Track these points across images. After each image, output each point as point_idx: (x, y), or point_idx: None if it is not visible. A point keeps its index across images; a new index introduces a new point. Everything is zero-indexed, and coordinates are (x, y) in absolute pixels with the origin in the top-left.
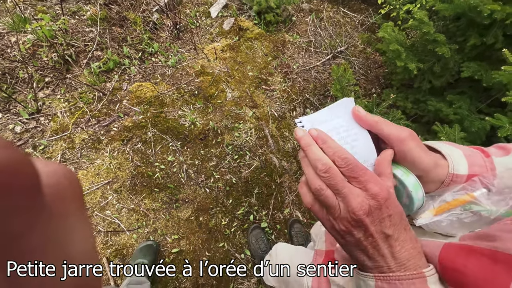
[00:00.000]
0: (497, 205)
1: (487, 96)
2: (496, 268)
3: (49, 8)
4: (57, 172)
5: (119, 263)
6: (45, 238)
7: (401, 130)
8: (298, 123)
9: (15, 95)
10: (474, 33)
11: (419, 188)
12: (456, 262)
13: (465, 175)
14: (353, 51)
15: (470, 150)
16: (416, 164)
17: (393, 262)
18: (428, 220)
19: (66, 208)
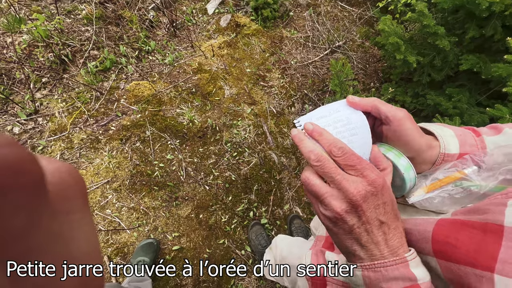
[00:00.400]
0: (487, 180)
1: (486, 89)
2: (486, 238)
3: (44, 8)
4: (61, 170)
5: (121, 261)
6: (48, 236)
7: (398, 109)
8: (296, 123)
9: (13, 96)
10: (473, 25)
11: (410, 169)
12: (449, 237)
13: (456, 154)
14: (351, 45)
15: (462, 130)
16: (411, 144)
17: (387, 249)
18: (421, 197)
19: (70, 205)
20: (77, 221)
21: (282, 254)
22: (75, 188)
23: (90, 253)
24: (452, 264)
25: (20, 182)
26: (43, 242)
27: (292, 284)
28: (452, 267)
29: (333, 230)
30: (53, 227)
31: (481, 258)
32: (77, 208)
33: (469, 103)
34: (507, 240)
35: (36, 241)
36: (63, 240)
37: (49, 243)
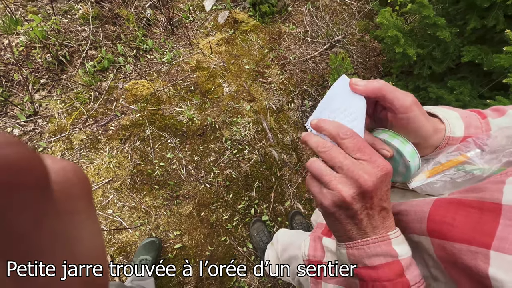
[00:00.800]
0: (490, 163)
1: (488, 80)
2: (483, 217)
3: (40, 8)
4: (66, 169)
5: (123, 260)
6: (53, 235)
7: (406, 96)
8: (307, 126)
9: (11, 98)
10: (474, 16)
11: (415, 156)
12: (446, 216)
13: (460, 137)
14: (350, 39)
15: (467, 112)
16: (419, 131)
17: (383, 231)
18: (422, 182)
19: (74, 205)
20: (82, 220)
21: (283, 246)
22: (80, 187)
23: (94, 252)
24: (446, 243)
25: (25, 182)
26: (48, 241)
27: (293, 275)
28: (446, 245)
29: (335, 215)
30: (58, 226)
31: (477, 236)
32: (82, 207)
33: (471, 96)
34: (505, 218)
35: (41, 240)
36: (68, 239)
37: (54, 243)
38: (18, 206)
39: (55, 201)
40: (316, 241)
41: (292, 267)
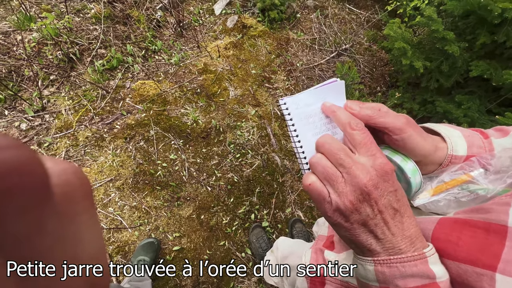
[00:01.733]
0: (494, 183)
1: (496, 96)
2: (490, 238)
3: (54, 6)
4: (67, 171)
5: (121, 259)
6: (54, 238)
7: (397, 118)
8: (282, 104)
9: (21, 92)
10: (484, 31)
11: (417, 173)
12: (451, 235)
13: (463, 156)
14: (358, 48)
15: (469, 132)
16: (416, 150)
17: (404, 241)
18: (426, 200)
19: (75, 207)
20: (82, 222)
21: (283, 254)
22: (81, 190)
23: (95, 254)
24: (451, 262)
25: (25, 184)
26: (49, 244)
27: (291, 285)
28: (451, 265)
29: (345, 225)
30: (59, 229)
31: (483, 257)
32: (82, 209)
33: (479, 111)
34: (510, 240)
35: (42, 243)
36: (69, 242)
37: (55, 245)
38: (19, 209)
39: (56, 203)
40: (317, 253)
41: (292, 276)
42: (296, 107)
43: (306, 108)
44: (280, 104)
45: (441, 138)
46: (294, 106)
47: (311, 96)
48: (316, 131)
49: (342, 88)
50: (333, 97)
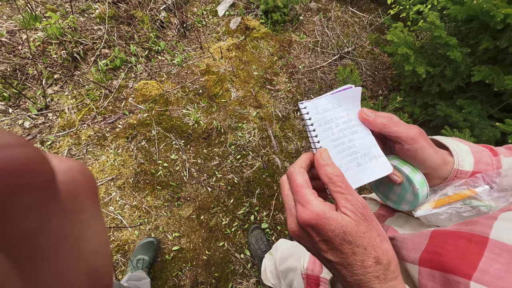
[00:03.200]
0: (497, 201)
1: (498, 101)
2: (470, 247)
3: (59, 6)
4: (72, 169)
5: (121, 258)
6: (59, 236)
7: (410, 128)
8: (302, 108)
9: (25, 91)
10: (487, 36)
11: (424, 185)
12: (437, 246)
13: (469, 172)
14: (360, 51)
15: (478, 148)
16: (426, 162)
17: (345, 283)
18: (427, 212)
19: (80, 204)
20: (87, 220)
21: (282, 256)
22: (86, 187)
23: (100, 252)
24: (436, 272)
25: (31, 182)
26: (54, 242)
27: (288, 286)
28: (437, 275)
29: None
30: (64, 227)
31: (462, 266)
32: (88, 207)
33: (480, 116)
34: (489, 251)
35: (47, 241)
36: (74, 240)
37: (60, 243)
38: (25, 206)
39: (62, 200)
40: None
41: (289, 277)
42: (316, 112)
43: (324, 113)
44: (301, 108)
45: (448, 152)
46: (314, 111)
47: (328, 101)
48: (333, 137)
49: (358, 94)
50: (348, 103)
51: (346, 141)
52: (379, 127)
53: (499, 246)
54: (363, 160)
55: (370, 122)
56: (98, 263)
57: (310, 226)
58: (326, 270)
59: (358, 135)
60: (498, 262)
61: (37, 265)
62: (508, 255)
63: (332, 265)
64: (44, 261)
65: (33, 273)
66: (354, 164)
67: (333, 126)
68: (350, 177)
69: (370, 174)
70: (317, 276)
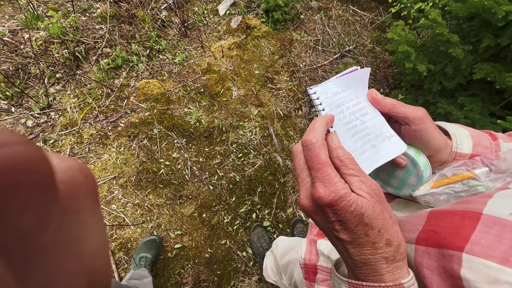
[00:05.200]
0: (494, 182)
1: (500, 99)
2: (464, 223)
3: (61, 6)
4: (72, 168)
5: (124, 256)
6: (58, 235)
7: (417, 109)
8: (312, 94)
9: (28, 90)
10: (489, 34)
11: (428, 168)
12: (433, 225)
13: (468, 154)
14: (361, 50)
15: (478, 132)
16: (431, 143)
17: (350, 260)
18: (425, 192)
19: (80, 204)
20: (86, 220)
21: (282, 251)
22: (86, 187)
23: (98, 253)
24: (431, 249)
25: (31, 181)
26: (52, 241)
27: (289, 280)
28: (433, 252)
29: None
30: (63, 226)
31: (455, 240)
32: (87, 207)
33: (482, 113)
34: (482, 225)
35: (45, 240)
36: (73, 239)
37: (58, 243)
38: (24, 205)
39: (61, 200)
40: (311, 244)
41: (290, 270)
42: (326, 96)
43: (334, 97)
44: (310, 93)
45: (449, 137)
46: (324, 95)
47: (337, 84)
48: (345, 120)
49: (366, 76)
50: (357, 85)
51: (358, 123)
52: (388, 107)
53: (491, 220)
54: (376, 141)
55: (379, 102)
56: (96, 264)
57: (330, 206)
58: (322, 258)
59: (368, 116)
60: (490, 234)
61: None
62: (499, 227)
63: (341, 243)
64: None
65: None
66: (368, 146)
67: (344, 109)
68: (367, 159)
69: (385, 154)
70: (314, 265)
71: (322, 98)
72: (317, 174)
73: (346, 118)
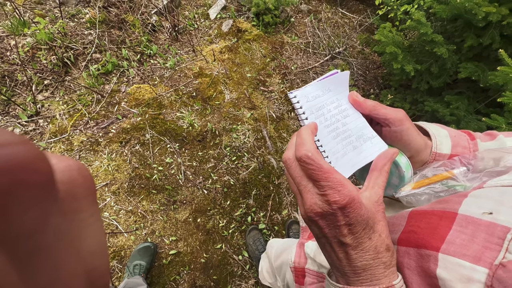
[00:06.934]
0: (472, 182)
1: (485, 97)
2: (441, 223)
3: (48, 11)
4: (71, 168)
5: (117, 264)
6: (57, 235)
7: (397, 111)
8: (292, 98)
9: (14, 97)
10: (471, 34)
11: (409, 168)
12: (413, 225)
13: (447, 155)
14: (351, 51)
15: (457, 132)
16: (412, 144)
17: (348, 267)
18: (407, 192)
19: (78, 204)
20: (85, 219)
21: (277, 252)
22: (85, 186)
23: (97, 252)
24: (410, 249)
25: (30, 181)
26: (52, 241)
27: (283, 282)
28: (410, 252)
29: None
30: (62, 226)
31: (432, 240)
32: (86, 206)
33: (467, 111)
34: (457, 225)
35: (45, 239)
36: (72, 239)
37: (58, 242)
38: (24, 205)
39: (60, 200)
40: (300, 247)
41: (283, 272)
42: (306, 100)
43: (315, 100)
44: (291, 97)
45: (428, 138)
46: (305, 99)
47: (317, 88)
48: (326, 123)
49: (346, 78)
50: (337, 88)
51: (340, 125)
52: (368, 109)
53: (465, 219)
54: (358, 142)
55: (360, 104)
56: (95, 263)
57: (343, 208)
58: (310, 260)
59: (349, 118)
60: (463, 234)
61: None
62: (473, 226)
63: (343, 249)
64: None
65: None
66: (350, 147)
67: (325, 112)
68: (348, 160)
69: (367, 155)
70: (302, 268)
71: (302, 101)
72: (328, 184)
73: (327, 120)
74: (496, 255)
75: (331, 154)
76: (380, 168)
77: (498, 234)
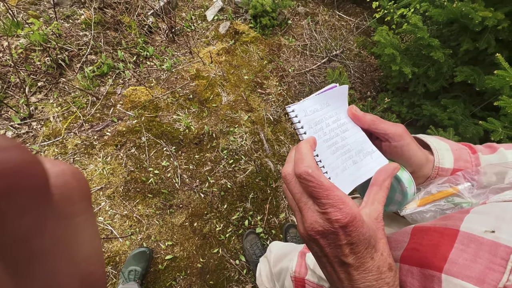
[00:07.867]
0: (477, 198)
1: (480, 100)
2: (442, 240)
3: (43, 12)
4: (65, 172)
5: (112, 270)
6: (53, 239)
7: (396, 126)
8: (290, 112)
9: (7, 100)
10: (467, 38)
11: (412, 183)
12: (415, 242)
13: (450, 169)
14: (348, 54)
15: (458, 145)
16: (413, 159)
17: None
18: (413, 210)
19: (73, 208)
20: (80, 224)
21: (276, 257)
22: (79, 191)
23: (93, 256)
24: (414, 268)
25: (25, 185)
26: (47, 245)
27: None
28: (414, 271)
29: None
30: (57, 230)
31: (435, 259)
32: (81, 211)
33: (464, 114)
34: (459, 243)
35: (40, 244)
36: (67, 243)
37: (53, 247)
38: (19, 209)
39: (55, 204)
40: (302, 257)
41: (282, 278)
42: (304, 114)
43: (313, 114)
44: (289, 112)
45: (430, 151)
46: (303, 113)
47: (316, 102)
48: (325, 138)
49: (345, 92)
50: (336, 102)
51: (339, 140)
52: (367, 123)
53: (467, 237)
54: (358, 157)
55: (359, 118)
56: (91, 268)
57: (345, 226)
58: (310, 272)
59: (349, 132)
60: (466, 253)
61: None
62: (475, 245)
63: (345, 269)
64: (36, 265)
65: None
66: (349, 162)
67: (324, 126)
68: (348, 176)
69: (367, 170)
70: (302, 278)
71: (300, 116)
72: (329, 201)
73: (326, 135)
74: (500, 277)
75: (330, 170)
76: (380, 183)
77: (501, 254)
